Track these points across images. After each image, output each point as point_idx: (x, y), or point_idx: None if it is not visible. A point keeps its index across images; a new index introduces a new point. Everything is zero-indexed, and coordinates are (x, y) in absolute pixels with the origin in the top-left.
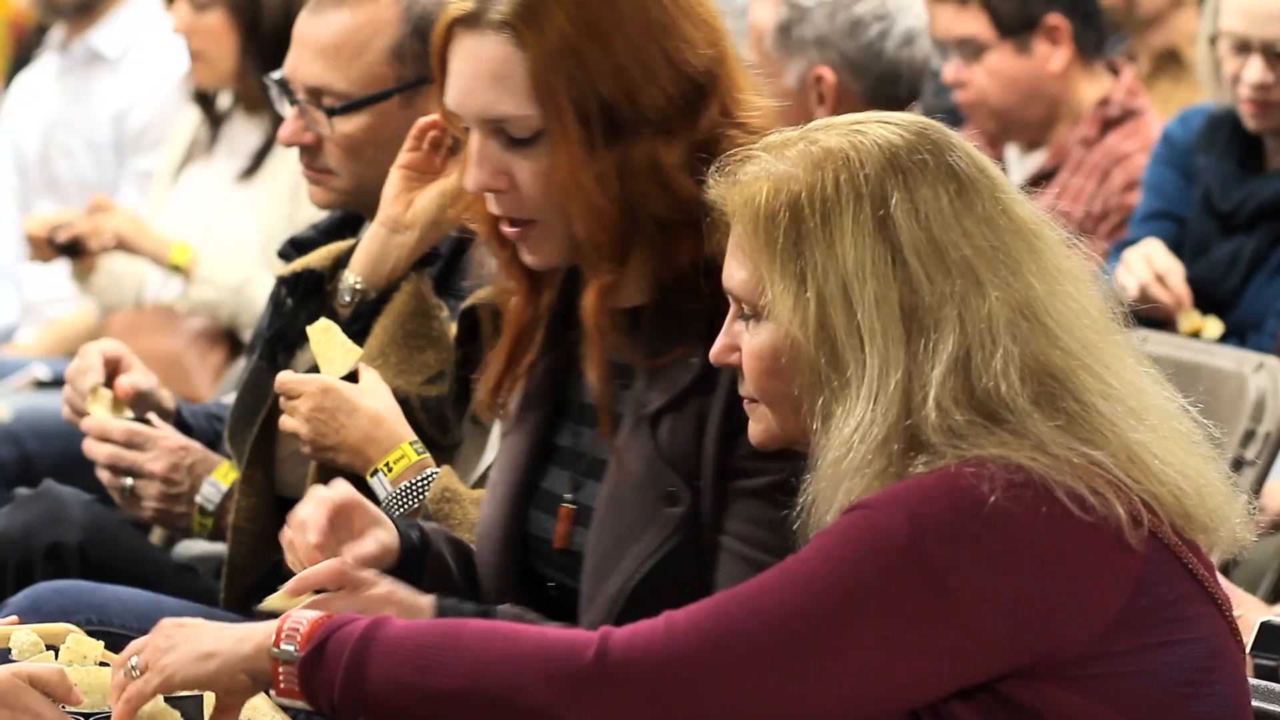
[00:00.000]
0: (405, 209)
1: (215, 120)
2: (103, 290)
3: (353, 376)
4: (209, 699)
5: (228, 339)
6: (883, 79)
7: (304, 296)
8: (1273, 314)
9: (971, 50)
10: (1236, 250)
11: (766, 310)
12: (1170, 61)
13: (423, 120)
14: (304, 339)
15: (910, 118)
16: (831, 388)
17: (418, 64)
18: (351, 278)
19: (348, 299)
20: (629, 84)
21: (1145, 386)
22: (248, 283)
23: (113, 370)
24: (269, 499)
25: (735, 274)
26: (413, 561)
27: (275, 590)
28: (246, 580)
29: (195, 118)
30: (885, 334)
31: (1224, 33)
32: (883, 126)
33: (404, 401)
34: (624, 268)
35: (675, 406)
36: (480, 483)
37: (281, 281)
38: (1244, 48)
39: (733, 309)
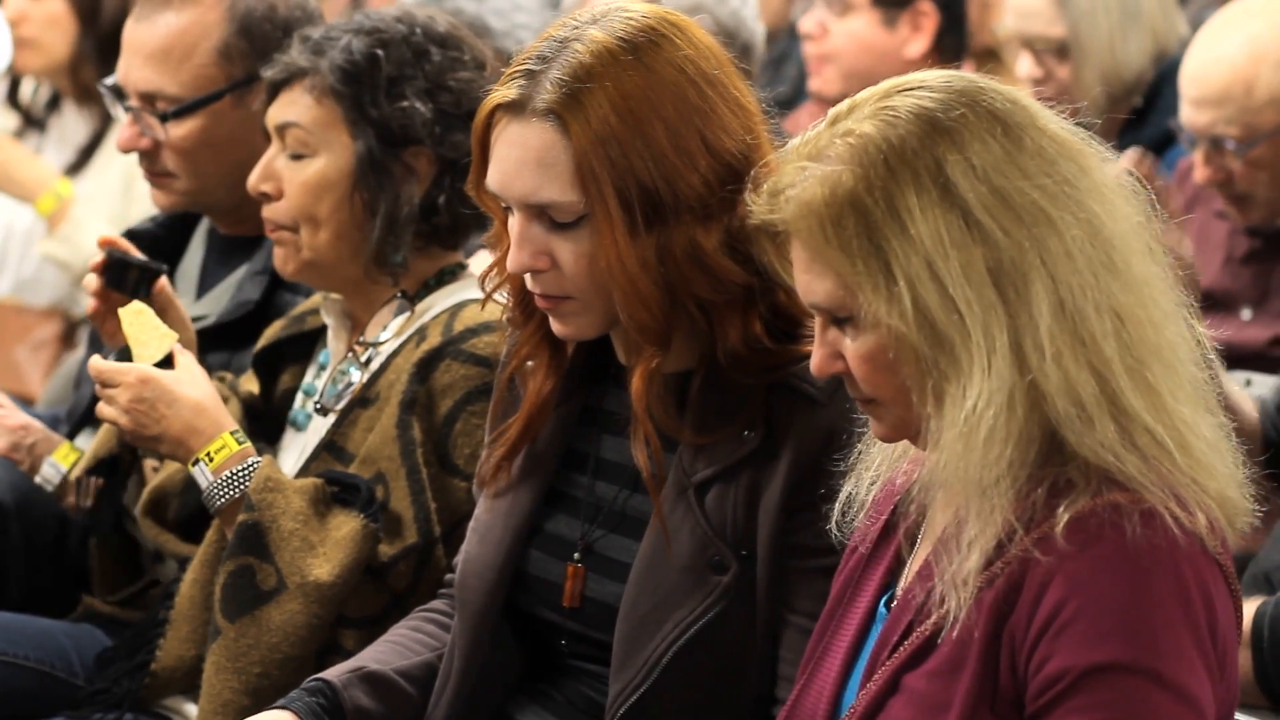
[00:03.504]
0: None
1: (30, 122)
2: None
3: (168, 360)
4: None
5: (60, 341)
6: None
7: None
8: None
9: (840, 6)
10: None
11: (861, 311)
12: (990, 59)
13: None
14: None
15: (928, 75)
16: (940, 369)
17: (245, 62)
18: None
19: None
20: (669, 171)
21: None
22: None
23: None
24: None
25: (816, 287)
26: None
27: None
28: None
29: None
30: (981, 300)
31: (1008, 35)
32: (908, 95)
33: None
34: (668, 350)
35: (725, 477)
36: (304, 472)
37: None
38: (1016, 46)
39: (819, 320)
